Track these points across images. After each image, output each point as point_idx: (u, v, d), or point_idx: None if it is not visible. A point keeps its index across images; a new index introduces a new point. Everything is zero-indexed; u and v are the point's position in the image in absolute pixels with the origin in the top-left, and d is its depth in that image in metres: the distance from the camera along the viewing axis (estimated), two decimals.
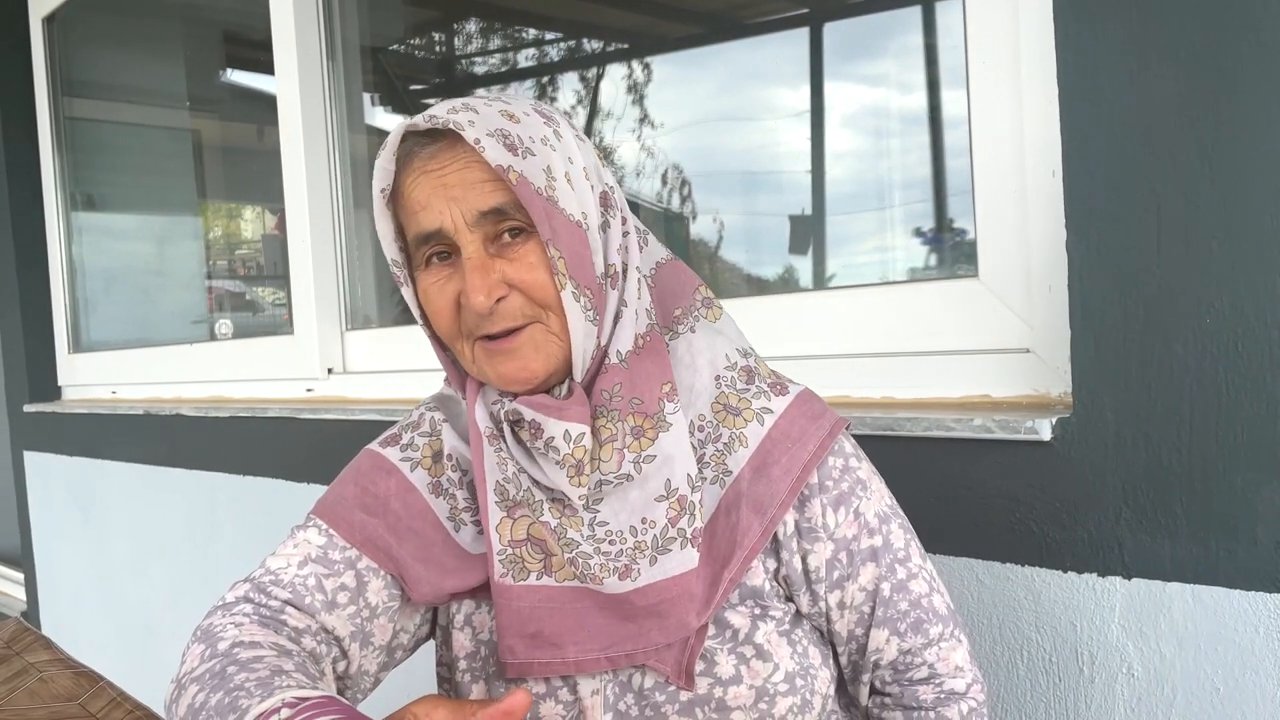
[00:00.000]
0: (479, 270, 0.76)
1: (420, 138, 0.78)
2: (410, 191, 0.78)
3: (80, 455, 2.88)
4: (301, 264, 2.13)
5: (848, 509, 0.83)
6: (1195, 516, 0.93)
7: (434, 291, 0.79)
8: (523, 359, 0.78)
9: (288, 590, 0.84)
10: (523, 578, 0.79)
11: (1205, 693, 0.94)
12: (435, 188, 0.76)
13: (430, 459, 0.89)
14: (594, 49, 2.77)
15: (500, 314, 0.77)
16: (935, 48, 1.82)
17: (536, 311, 0.78)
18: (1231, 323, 0.89)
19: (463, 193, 0.76)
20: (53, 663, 0.96)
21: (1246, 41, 0.87)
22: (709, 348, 0.84)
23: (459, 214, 0.76)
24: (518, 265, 0.76)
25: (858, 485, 0.84)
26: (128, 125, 3.41)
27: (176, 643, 2.55)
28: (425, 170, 0.77)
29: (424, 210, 0.77)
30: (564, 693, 0.81)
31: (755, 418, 0.82)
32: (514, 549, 0.79)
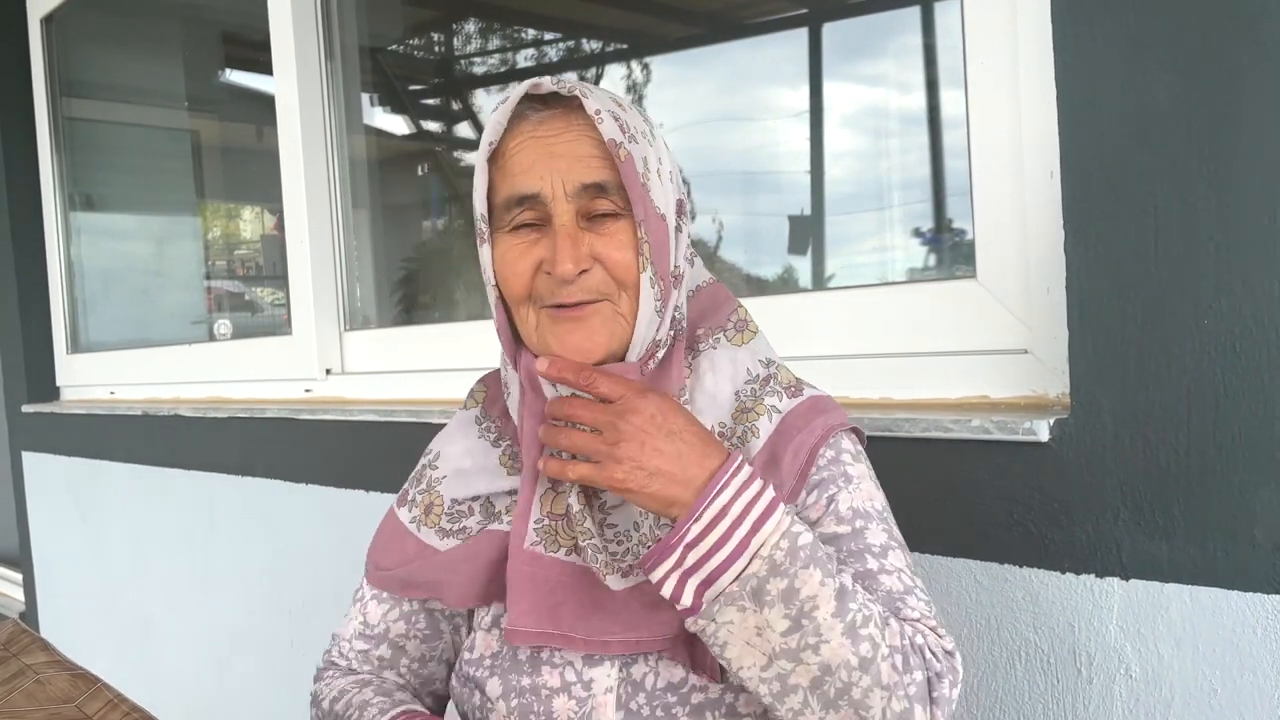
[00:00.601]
0: (571, 239, 0.78)
1: (534, 103, 0.80)
2: (514, 153, 0.80)
3: (79, 456, 2.88)
4: (300, 264, 2.13)
5: (821, 493, 0.82)
6: (1193, 517, 0.93)
7: (515, 254, 0.80)
8: (589, 331, 0.79)
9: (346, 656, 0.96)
10: (554, 550, 0.81)
11: (1203, 693, 0.94)
12: (541, 153, 0.78)
13: (423, 511, 0.92)
14: (593, 49, 2.77)
15: (580, 285, 0.78)
16: (934, 48, 1.82)
17: (613, 290, 0.80)
18: (1229, 324, 0.89)
19: (568, 165, 0.78)
20: (50, 664, 0.96)
21: (1244, 43, 0.87)
22: (731, 363, 0.86)
23: (560, 183, 0.78)
24: (608, 241, 0.79)
25: (840, 477, 0.83)
26: (126, 125, 3.41)
27: (174, 643, 2.56)
28: (535, 135, 0.79)
29: (525, 173, 0.79)
30: (578, 689, 0.81)
31: (766, 413, 0.84)
32: (551, 521, 0.81)
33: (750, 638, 0.70)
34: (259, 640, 2.25)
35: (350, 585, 1.03)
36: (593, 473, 0.74)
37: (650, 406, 0.75)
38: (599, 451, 0.74)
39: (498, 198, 0.82)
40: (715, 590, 0.70)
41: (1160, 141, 0.92)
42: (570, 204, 0.78)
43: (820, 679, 0.70)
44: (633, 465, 0.73)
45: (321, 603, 2.04)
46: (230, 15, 2.90)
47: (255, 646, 2.27)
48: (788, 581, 0.70)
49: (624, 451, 0.73)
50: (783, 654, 0.70)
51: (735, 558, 0.70)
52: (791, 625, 0.70)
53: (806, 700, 0.70)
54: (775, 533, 0.71)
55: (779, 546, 0.71)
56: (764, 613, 0.70)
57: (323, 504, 2.00)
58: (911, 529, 1.12)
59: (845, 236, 2.13)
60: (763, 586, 0.70)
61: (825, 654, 0.70)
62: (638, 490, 0.73)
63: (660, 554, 0.72)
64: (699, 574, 0.71)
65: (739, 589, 0.70)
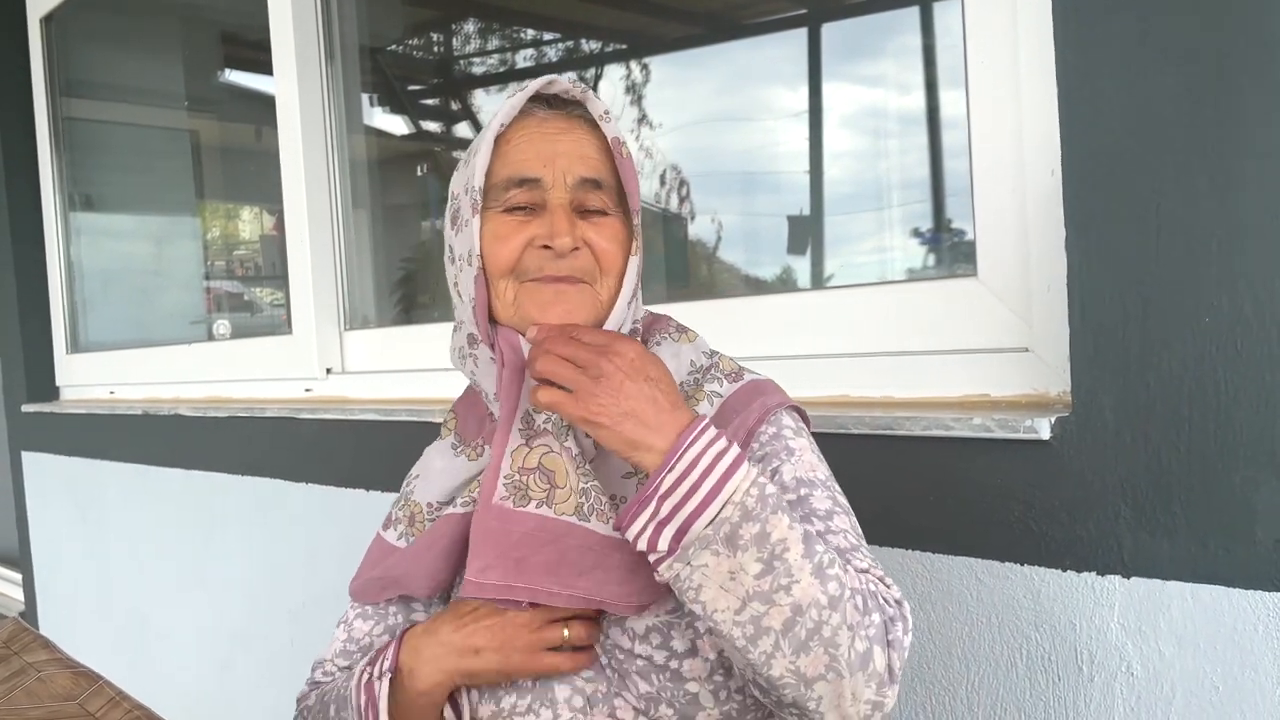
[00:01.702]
0: (567, 218, 0.84)
1: (539, 103, 0.87)
2: (520, 141, 0.86)
3: (78, 455, 2.88)
4: (300, 264, 2.13)
5: (765, 467, 0.84)
6: (1194, 515, 0.93)
7: (507, 229, 0.85)
8: (571, 306, 0.84)
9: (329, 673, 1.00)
10: (523, 504, 0.82)
11: (1204, 691, 0.94)
12: (545, 145, 0.85)
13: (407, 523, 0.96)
14: (592, 49, 2.77)
15: (569, 262, 0.84)
16: (934, 48, 1.82)
17: (595, 275, 0.85)
18: (1230, 322, 0.89)
19: (569, 162, 0.85)
20: (51, 662, 0.96)
21: (1245, 41, 0.87)
22: (675, 357, 0.91)
23: (561, 172, 0.84)
24: (599, 230, 0.85)
25: (782, 450, 0.85)
26: (126, 125, 3.41)
27: (174, 642, 2.56)
28: (542, 130, 0.86)
29: (529, 160, 0.85)
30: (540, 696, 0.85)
31: (706, 398, 0.88)
32: (522, 475, 0.83)
33: (724, 581, 0.72)
34: (259, 639, 2.25)
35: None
36: (568, 401, 0.77)
37: (632, 351, 0.79)
38: (579, 383, 0.77)
39: (494, 179, 0.86)
40: (691, 536, 0.72)
41: (1161, 139, 0.92)
42: (568, 192, 0.85)
43: (792, 620, 0.72)
44: (609, 401, 0.76)
45: (322, 602, 2.04)
46: (230, 15, 2.90)
47: (256, 646, 2.27)
48: (759, 526, 0.72)
49: (602, 387, 0.76)
50: (756, 596, 0.72)
51: (708, 503, 0.73)
52: (764, 568, 0.72)
53: (778, 643, 0.72)
54: (745, 480, 0.74)
55: (749, 494, 0.73)
56: (737, 556, 0.72)
57: (323, 503, 2.00)
58: (912, 527, 1.13)
59: (845, 237, 2.13)
60: (735, 531, 0.72)
61: (796, 594, 0.72)
62: (610, 427, 0.76)
63: (637, 507, 0.74)
64: (674, 522, 0.73)
65: (713, 533, 0.72)
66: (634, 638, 0.83)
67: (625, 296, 0.86)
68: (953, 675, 1.12)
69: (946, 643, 1.12)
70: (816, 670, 0.72)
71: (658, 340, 0.93)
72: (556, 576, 0.81)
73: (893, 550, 1.14)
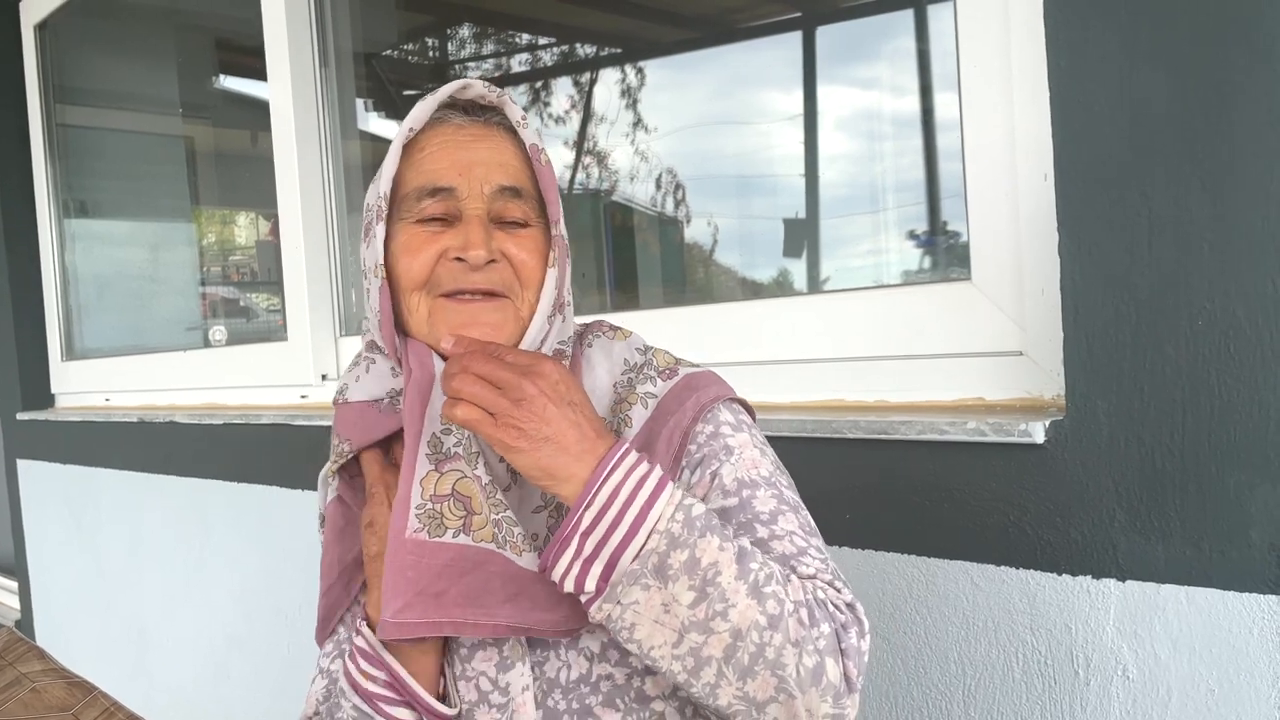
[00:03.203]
0: (483, 228, 0.80)
1: (454, 110, 0.83)
2: (434, 149, 0.82)
3: (74, 463, 2.88)
4: (295, 270, 2.13)
5: (704, 470, 0.81)
6: (1189, 518, 0.93)
7: (418, 241, 0.81)
8: (489, 324, 0.81)
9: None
10: (439, 534, 0.78)
11: (1200, 694, 0.94)
12: (461, 153, 0.82)
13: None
14: (587, 54, 2.77)
15: (486, 275, 0.81)
16: (928, 52, 1.82)
17: (515, 289, 0.82)
18: (1223, 325, 0.90)
19: (486, 171, 0.81)
20: (46, 672, 0.96)
21: (1236, 45, 0.88)
22: (608, 357, 0.88)
23: (478, 183, 0.81)
24: (517, 241, 0.82)
25: (721, 451, 0.81)
26: (121, 132, 3.40)
27: (170, 650, 2.55)
28: (457, 139, 0.82)
29: (443, 169, 0.81)
30: (495, 695, 0.81)
31: (639, 401, 0.84)
32: (435, 504, 0.78)
33: (658, 615, 0.69)
34: (255, 646, 2.24)
35: None
36: (486, 422, 0.72)
37: (555, 373, 0.74)
38: (499, 405, 0.72)
39: (406, 188, 0.82)
40: (618, 573, 0.69)
41: (1154, 143, 0.93)
42: (484, 203, 0.81)
43: (733, 646, 0.69)
44: (530, 426, 0.71)
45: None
46: (224, 21, 2.90)
47: (252, 652, 2.26)
48: (688, 552, 0.69)
49: (522, 411, 0.72)
50: (692, 626, 0.69)
51: (632, 535, 0.70)
52: (697, 596, 0.69)
53: (721, 672, 0.69)
54: (669, 506, 0.71)
55: (674, 519, 0.70)
56: (669, 588, 0.69)
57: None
58: (907, 532, 1.13)
59: (840, 239, 2.13)
60: (664, 561, 0.69)
61: (734, 618, 0.69)
62: (528, 452, 0.71)
63: (559, 547, 0.71)
64: (599, 559, 0.70)
65: (640, 567, 0.69)
66: (590, 658, 0.80)
67: (543, 311, 0.82)
68: (949, 679, 1.12)
69: (943, 647, 1.12)
70: (765, 693, 0.69)
71: (589, 341, 0.89)
72: (480, 606, 0.77)
73: (887, 555, 1.14)
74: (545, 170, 0.83)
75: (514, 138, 0.84)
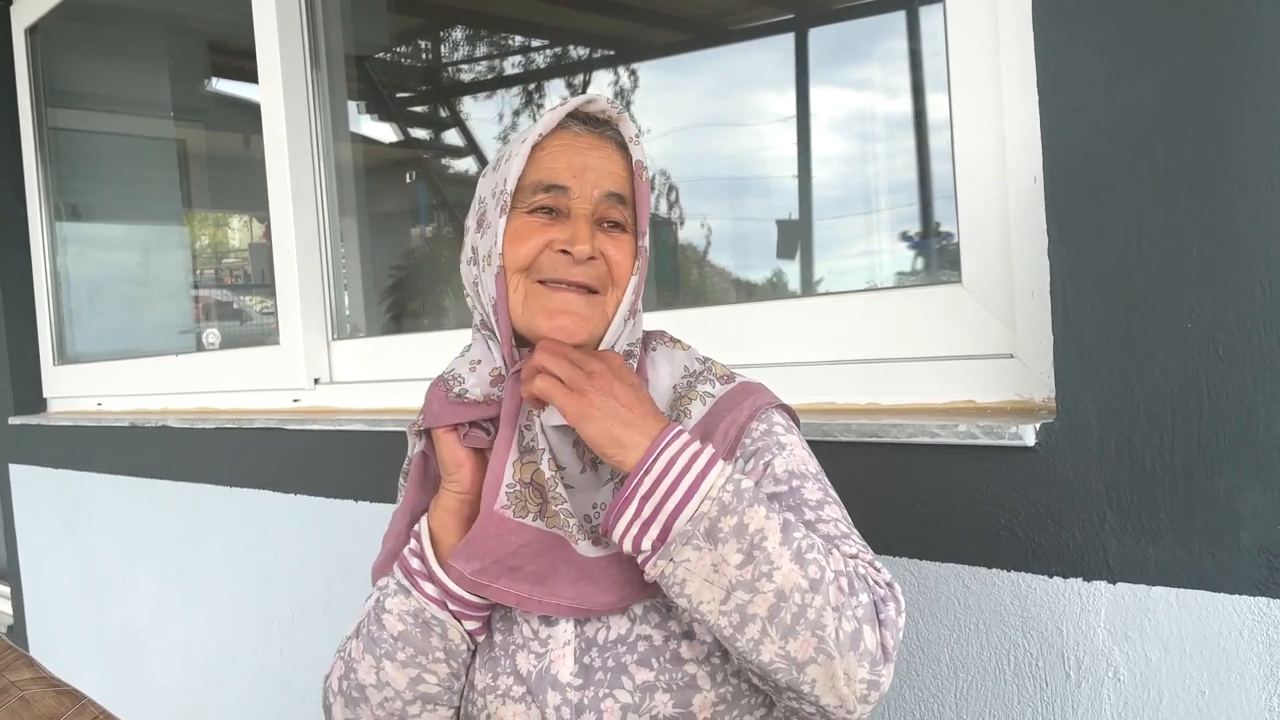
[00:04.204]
0: (589, 227, 0.88)
1: (575, 120, 0.91)
2: (553, 151, 0.90)
3: (66, 468, 2.87)
4: (287, 273, 2.12)
5: (757, 460, 0.88)
6: (1179, 520, 0.93)
7: (529, 229, 0.88)
8: (579, 316, 0.87)
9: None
10: (522, 515, 0.86)
11: (1190, 696, 0.94)
12: (577, 159, 0.89)
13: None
14: (580, 56, 2.77)
15: (586, 269, 0.88)
16: (919, 53, 1.82)
17: (606, 285, 0.89)
18: (1212, 327, 0.90)
19: (597, 176, 0.89)
20: (35, 681, 0.95)
21: (1224, 49, 0.88)
22: (669, 362, 0.96)
23: (589, 186, 0.88)
24: (615, 243, 0.89)
25: (774, 445, 0.88)
26: (112, 135, 3.39)
27: (163, 655, 2.54)
28: (575, 145, 0.90)
29: (560, 169, 0.89)
30: (535, 644, 0.88)
31: (699, 398, 0.92)
32: (522, 488, 0.87)
33: (708, 574, 0.76)
34: (248, 650, 2.24)
35: (339, 594, 1.03)
36: (559, 392, 0.81)
37: (615, 361, 0.85)
38: (573, 376, 0.82)
39: (523, 181, 0.89)
40: (673, 533, 0.76)
41: (1142, 146, 0.93)
42: (592, 204, 0.88)
43: (776, 606, 0.75)
44: (599, 398, 0.81)
45: (311, 612, 2.03)
46: (215, 24, 2.90)
47: (245, 657, 2.25)
48: (737, 518, 0.76)
49: (593, 383, 0.81)
50: (739, 585, 0.75)
51: (686, 501, 0.76)
52: (745, 558, 0.75)
53: (765, 630, 0.75)
54: (720, 477, 0.77)
55: (725, 489, 0.77)
56: (718, 549, 0.75)
57: (311, 514, 1.99)
58: (899, 534, 1.13)
59: (833, 240, 2.14)
60: (715, 525, 0.76)
61: (778, 580, 0.75)
62: (597, 420, 0.80)
63: (620, 508, 0.78)
64: (656, 521, 0.77)
65: (692, 529, 0.76)
66: (633, 619, 0.85)
67: (623, 311, 0.89)
68: (941, 682, 1.12)
69: (934, 649, 1.12)
70: (806, 653, 0.75)
71: (654, 346, 0.97)
72: (546, 586, 0.84)
73: (879, 558, 1.14)
74: (644, 186, 0.90)
75: (623, 152, 0.91)
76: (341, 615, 1.10)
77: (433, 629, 0.88)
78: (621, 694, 0.84)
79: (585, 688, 0.85)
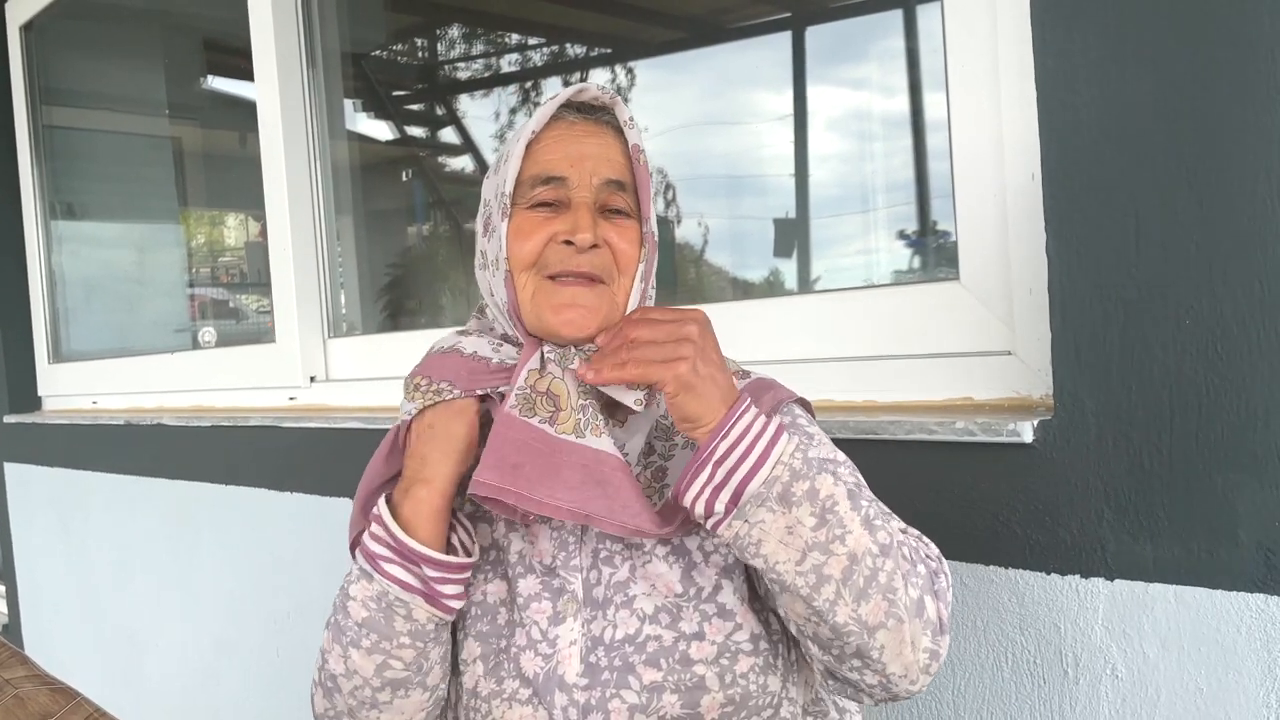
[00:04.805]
0: (591, 215, 0.87)
1: (570, 109, 0.90)
2: (549, 142, 0.89)
3: (61, 466, 2.86)
4: (283, 271, 2.12)
5: None
6: (1177, 517, 0.93)
7: (531, 225, 0.88)
8: (587, 308, 0.87)
9: None
10: (529, 416, 0.86)
11: (1189, 693, 0.94)
12: (573, 146, 0.89)
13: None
14: (577, 54, 2.77)
15: (590, 258, 0.87)
16: (917, 51, 1.82)
17: (613, 274, 0.88)
18: (1210, 324, 0.90)
19: (595, 164, 0.88)
20: (29, 679, 0.95)
21: (1222, 46, 0.88)
22: None
23: (587, 173, 0.88)
24: (619, 230, 0.88)
25: (801, 435, 0.88)
26: (107, 133, 3.38)
27: (159, 653, 2.54)
28: (571, 134, 0.89)
29: (557, 160, 0.88)
30: (543, 645, 0.87)
31: None
32: (534, 393, 0.87)
33: (783, 536, 0.76)
34: (245, 649, 2.23)
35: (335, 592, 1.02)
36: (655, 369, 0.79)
37: (699, 329, 0.81)
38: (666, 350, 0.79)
39: (522, 176, 0.89)
40: (747, 495, 0.76)
41: (1140, 143, 0.93)
42: (592, 192, 0.88)
43: (849, 569, 0.76)
44: (694, 363, 0.79)
45: (308, 611, 2.03)
46: (211, 22, 2.89)
47: (241, 655, 2.25)
48: (809, 483, 0.77)
49: (686, 350, 0.79)
50: (814, 546, 0.76)
51: (760, 465, 0.77)
52: (818, 521, 0.76)
53: (839, 591, 0.76)
54: (790, 445, 0.78)
55: (795, 456, 0.78)
56: (793, 512, 0.76)
57: (307, 512, 1.99)
58: None
59: (830, 239, 2.14)
60: (788, 489, 0.77)
61: (850, 543, 0.77)
62: (694, 387, 0.78)
63: (694, 471, 0.78)
64: (729, 485, 0.77)
65: (767, 491, 0.76)
66: (643, 618, 0.85)
67: (634, 299, 0.89)
68: (939, 679, 1.12)
69: None
70: (877, 617, 0.76)
71: None
72: (547, 487, 0.83)
73: None
74: (643, 170, 0.90)
75: (620, 137, 0.90)
76: None
77: (396, 612, 0.86)
78: (628, 694, 0.83)
79: (591, 688, 0.84)
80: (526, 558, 0.90)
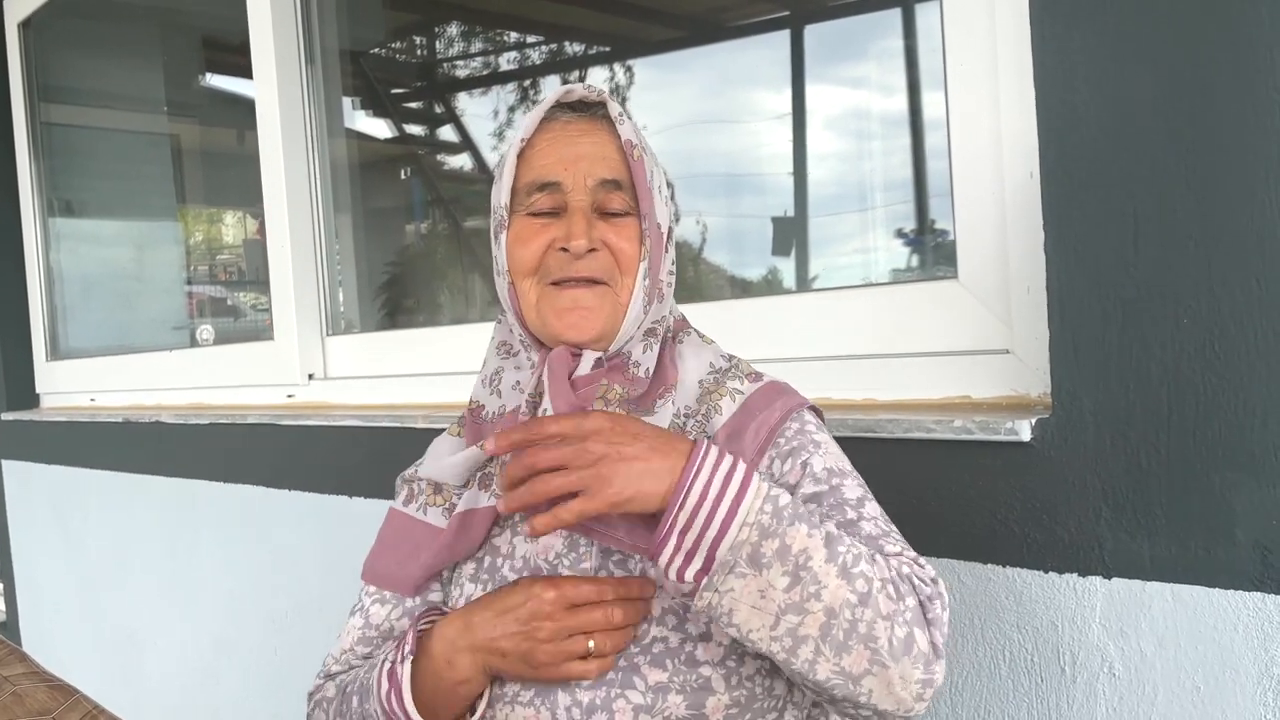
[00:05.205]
0: (585, 219, 0.87)
1: (562, 109, 0.90)
2: (543, 146, 0.89)
3: (59, 464, 2.86)
4: (281, 269, 2.12)
5: (795, 460, 0.87)
6: (1174, 516, 0.93)
7: (529, 232, 0.88)
8: (588, 309, 0.87)
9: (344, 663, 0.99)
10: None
11: (1186, 691, 0.94)
12: (566, 149, 0.88)
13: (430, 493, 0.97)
14: (576, 52, 2.77)
15: (588, 263, 0.87)
16: (915, 50, 1.82)
17: (615, 275, 0.88)
18: (1208, 323, 0.90)
19: (590, 162, 0.88)
20: (27, 675, 0.95)
21: (1221, 44, 0.88)
22: (696, 356, 0.95)
23: (581, 175, 0.87)
24: (616, 231, 0.88)
25: (809, 443, 0.88)
26: (106, 130, 3.38)
27: (158, 651, 2.54)
28: (565, 134, 0.89)
29: (550, 164, 0.88)
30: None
31: (729, 394, 0.91)
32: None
33: (755, 601, 0.74)
34: (244, 648, 2.23)
35: (334, 590, 1.03)
36: (587, 504, 0.75)
37: (604, 420, 0.77)
38: (581, 482, 0.75)
39: (520, 183, 0.89)
40: (715, 564, 0.73)
41: (1139, 142, 0.93)
42: (587, 195, 0.87)
43: (827, 624, 0.73)
44: (620, 477, 0.74)
45: (306, 609, 2.03)
46: (210, 19, 2.89)
47: (240, 654, 2.25)
48: (779, 541, 0.73)
49: (606, 469, 0.74)
50: (788, 609, 0.73)
51: (725, 529, 0.73)
52: (791, 580, 0.73)
53: (819, 649, 0.74)
54: (757, 499, 0.74)
55: (763, 511, 0.74)
56: (764, 574, 0.73)
57: (306, 509, 1.99)
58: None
59: (829, 238, 2.14)
60: (757, 551, 0.73)
61: (826, 598, 0.73)
62: (635, 495, 0.75)
63: (660, 544, 0.75)
64: (699, 553, 0.74)
65: (734, 557, 0.73)
66: (650, 620, 0.84)
67: (639, 297, 0.89)
68: None
69: None
70: (861, 666, 0.74)
71: (680, 339, 0.96)
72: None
73: None
74: (637, 165, 0.89)
75: (616, 134, 0.90)
76: (337, 612, 1.10)
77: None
78: (633, 694, 0.83)
79: (596, 688, 0.83)
80: (530, 559, 0.90)
